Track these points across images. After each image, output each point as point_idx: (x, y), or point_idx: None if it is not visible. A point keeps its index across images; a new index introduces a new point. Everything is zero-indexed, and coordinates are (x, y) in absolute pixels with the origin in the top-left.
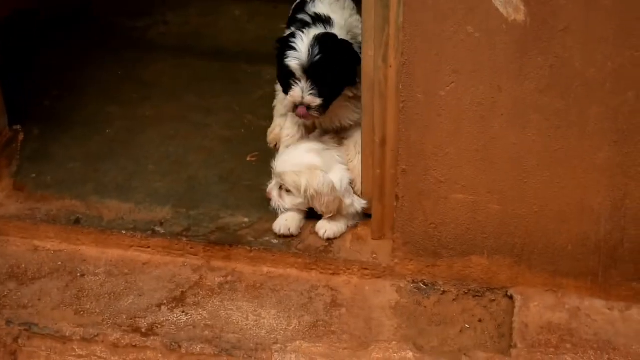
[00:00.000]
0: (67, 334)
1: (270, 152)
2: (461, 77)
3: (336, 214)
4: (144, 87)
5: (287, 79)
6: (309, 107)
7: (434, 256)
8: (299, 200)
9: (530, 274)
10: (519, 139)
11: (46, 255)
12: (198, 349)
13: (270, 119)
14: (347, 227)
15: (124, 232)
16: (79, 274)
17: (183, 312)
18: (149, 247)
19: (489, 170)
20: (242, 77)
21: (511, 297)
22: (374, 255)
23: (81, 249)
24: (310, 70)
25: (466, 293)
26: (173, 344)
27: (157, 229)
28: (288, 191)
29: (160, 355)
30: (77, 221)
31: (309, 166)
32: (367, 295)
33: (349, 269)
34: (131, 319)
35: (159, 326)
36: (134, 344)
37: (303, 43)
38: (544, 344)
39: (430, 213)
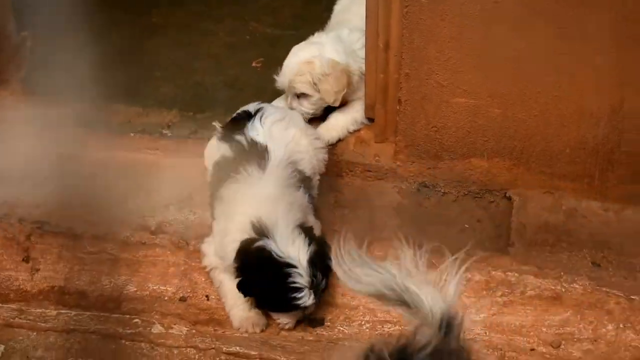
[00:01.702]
0: (78, 232)
1: (275, 59)
2: None
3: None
4: None
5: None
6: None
7: (435, 158)
8: (316, 96)
9: (528, 176)
10: (521, 45)
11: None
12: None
13: (275, 26)
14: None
15: (132, 134)
16: (89, 174)
17: (190, 211)
18: (157, 149)
19: (491, 74)
20: None
21: (510, 199)
22: (377, 158)
23: (91, 151)
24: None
25: (466, 194)
26: (181, 241)
27: (165, 131)
28: (303, 95)
29: (168, 252)
30: (87, 124)
31: (304, 62)
32: (369, 196)
33: (351, 171)
34: (140, 217)
35: (168, 225)
36: (143, 242)
37: (303, 279)
38: (540, 242)
39: (432, 116)
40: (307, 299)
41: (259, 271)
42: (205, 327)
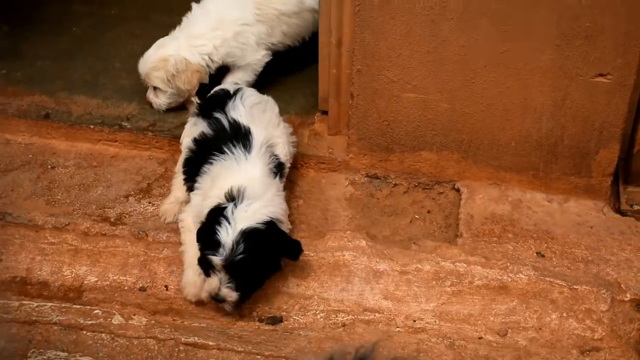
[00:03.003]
0: (40, 223)
1: None
2: None
3: None
4: None
5: (206, 267)
6: (223, 300)
7: (386, 151)
8: (170, 91)
9: (476, 168)
10: (468, 42)
11: (17, 148)
12: (164, 237)
13: None
14: None
15: (92, 126)
16: (49, 166)
17: (149, 202)
18: (116, 141)
19: (439, 70)
20: None
21: (458, 190)
22: (330, 150)
23: (51, 143)
24: (231, 267)
25: (416, 186)
26: (140, 232)
27: (124, 123)
28: (158, 89)
29: (128, 243)
30: (47, 116)
31: (161, 58)
32: (323, 188)
33: (305, 163)
34: (100, 209)
35: (127, 216)
36: (103, 233)
37: (228, 237)
38: (487, 233)
39: (383, 111)
40: (219, 256)
41: (207, 221)
42: (165, 317)
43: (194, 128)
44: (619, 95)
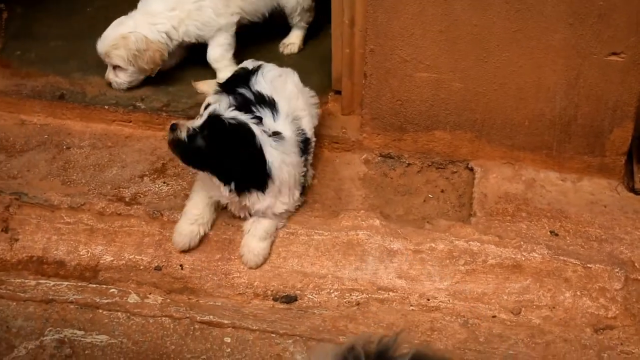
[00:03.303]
0: (56, 203)
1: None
2: None
3: None
4: None
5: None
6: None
7: (400, 131)
8: (131, 69)
9: (489, 147)
10: (481, 21)
11: (33, 128)
12: (179, 217)
13: None
14: None
15: (106, 107)
16: (64, 147)
17: (164, 182)
18: (130, 122)
19: (452, 50)
20: None
21: (471, 169)
22: (344, 130)
23: (66, 123)
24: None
25: (430, 165)
26: (155, 212)
27: (138, 104)
28: (119, 67)
29: (143, 222)
30: (62, 96)
31: (121, 36)
32: (337, 168)
33: (319, 143)
34: (115, 189)
35: (142, 196)
36: (118, 212)
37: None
38: (501, 212)
39: (396, 90)
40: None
41: None
42: (180, 296)
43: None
44: (633, 73)
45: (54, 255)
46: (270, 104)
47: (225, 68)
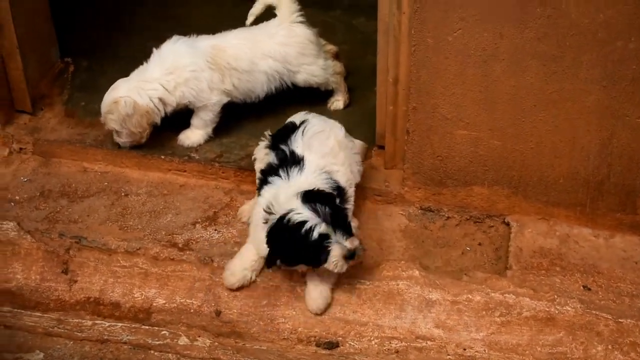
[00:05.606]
0: (113, 247)
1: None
2: (467, 24)
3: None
4: (180, 26)
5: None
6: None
7: (439, 185)
8: (125, 131)
9: (525, 203)
10: (518, 82)
11: (94, 176)
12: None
13: None
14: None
15: (163, 157)
16: (123, 194)
17: (215, 230)
18: (185, 171)
19: (491, 109)
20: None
21: (508, 224)
22: (386, 183)
23: (125, 171)
24: (335, 215)
25: (468, 219)
26: (206, 258)
27: (193, 154)
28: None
29: (194, 268)
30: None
31: (113, 101)
32: (379, 219)
33: (362, 195)
34: (169, 235)
35: (194, 242)
36: (171, 258)
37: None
38: (536, 266)
39: (437, 146)
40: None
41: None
42: (227, 340)
43: (265, 158)
44: None
45: (109, 297)
46: (297, 162)
47: (198, 135)
